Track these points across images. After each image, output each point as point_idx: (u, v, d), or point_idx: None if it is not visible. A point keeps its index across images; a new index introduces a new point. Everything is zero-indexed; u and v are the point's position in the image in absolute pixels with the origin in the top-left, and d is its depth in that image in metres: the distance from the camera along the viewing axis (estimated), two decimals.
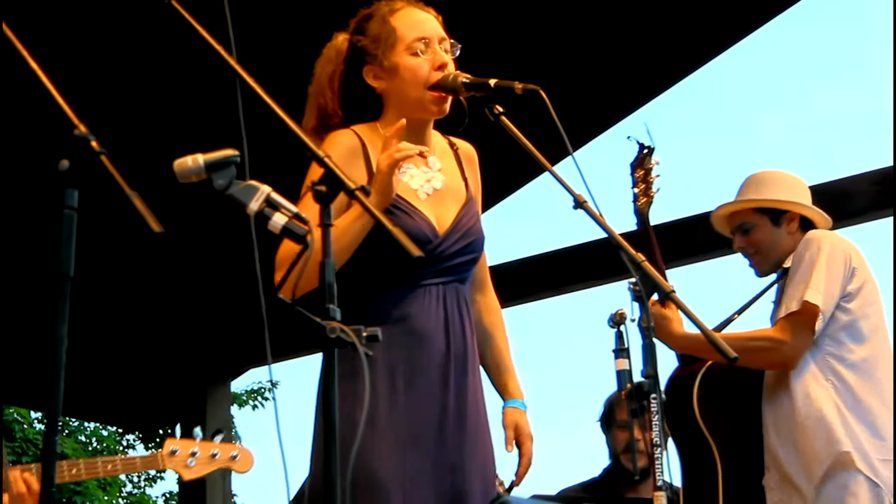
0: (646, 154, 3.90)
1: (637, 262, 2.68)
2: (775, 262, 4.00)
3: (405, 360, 2.89)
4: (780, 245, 3.99)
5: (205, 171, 2.07)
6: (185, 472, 3.58)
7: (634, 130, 3.96)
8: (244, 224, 2.09)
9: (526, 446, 3.08)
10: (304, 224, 2.08)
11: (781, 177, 4.10)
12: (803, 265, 3.82)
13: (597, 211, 2.70)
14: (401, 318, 2.90)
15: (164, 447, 3.57)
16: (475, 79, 2.92)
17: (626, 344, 2.85)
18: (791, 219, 4.01)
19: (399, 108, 3.00)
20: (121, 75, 5.41)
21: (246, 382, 22.34)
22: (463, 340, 2.95)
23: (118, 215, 2.07)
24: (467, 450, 2.92)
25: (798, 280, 3.80)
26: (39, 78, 2.00)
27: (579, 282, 6.78)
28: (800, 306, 3.74)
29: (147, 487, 22.90)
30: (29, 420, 19.68)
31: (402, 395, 2.87)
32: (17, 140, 5.05)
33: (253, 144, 2.19)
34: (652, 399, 2.70)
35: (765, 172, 4.13)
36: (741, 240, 4.06)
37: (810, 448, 3.68)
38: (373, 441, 2.78)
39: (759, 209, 4.04)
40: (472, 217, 3.05)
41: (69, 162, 1.88)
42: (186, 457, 3.56)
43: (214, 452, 3.60)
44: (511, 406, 3.13)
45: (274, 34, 5.14)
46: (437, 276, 2.95)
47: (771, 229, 4.01)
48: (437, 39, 3.01)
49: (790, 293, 3.81)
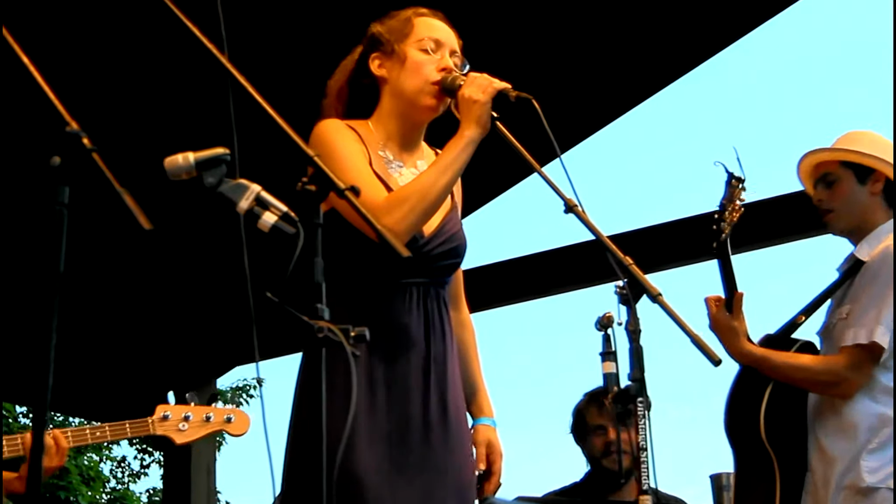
0: (736, 185, 3.75)
1: (624, 265, 2.68)
2: (850, 222, 3.87)
3: (386, 357, 2.89)
4: (860, 204, 3.85)
5: (195, 169, 2.08)
6: (177, 436, 3.51)
7: (721, 155, 3.75)
8: (234, 222, 2.10)
9: (497, 464, 3.13)
10: (294, 224, 2.08)
11: (875, 137, 3.94)
12: (879, 285, 3.70)
13: (586, 214, 2.71)
14: (382, 316, 2.90)
15: (156, 412, 3.51)
16: None
17: (613, 347, 2.85)
18: (877, 179, 3.86)
19: (394, 99, 3.04)
20: (113, 72, 5.41)
21: (231, 380, 22.32)
22: (443, 341, 2.97)
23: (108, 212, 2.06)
24: (450, 448, 2.93)
25: (870, 305, 3.67)
26: (31, 74, 2.00)
27: (566, 284, 6.79)
28: (868, 342, 3.63)
29: (131, 483, 22.86)
30: (14, 414, 19.63)
31: (383, 391, 2.88)
32: (8, 136, 5.04)
33: (243, 143, 2.19)
34: (638, 402, 2.71)
35: (860, 131, 3.97)
36: (822, 192, 3.90)
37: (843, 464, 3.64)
38: (351, 437, 2.77)
39: (846, 163, 3.88)
40: (456, 223, 3.08)
41: (60, 159, 1.88)
42: (179, 421, 3.51)
43: (209, 415, 3.54)
44: (483, 423, 3.17)
45: (266, 33, 5.14)
46: (419, 276, 2.96)
47: (854, 186, 3.87)
48: (449, 50, 3.06)
49: (860, 318, 3.68)
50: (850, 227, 3.89)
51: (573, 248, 6.45)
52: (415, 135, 3.09)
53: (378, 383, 2.88)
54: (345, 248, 2.87)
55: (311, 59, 3.18)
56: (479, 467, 3.09)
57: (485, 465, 3.10)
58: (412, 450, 2.88)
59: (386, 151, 3.03)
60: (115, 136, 3.87)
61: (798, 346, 3.85)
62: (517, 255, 6.85)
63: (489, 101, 2.88)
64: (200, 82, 3.79)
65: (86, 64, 5.23)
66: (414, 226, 2.85)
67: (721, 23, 5.75)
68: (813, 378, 3.70)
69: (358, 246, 2.85)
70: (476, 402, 3.18)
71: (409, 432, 2.88)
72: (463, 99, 2.91)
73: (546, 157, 2.88)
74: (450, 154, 2.89)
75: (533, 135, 2.81)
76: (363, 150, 2.97)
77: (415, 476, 2.87)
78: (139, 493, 22.83)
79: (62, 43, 4.98)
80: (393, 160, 3.04)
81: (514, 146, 2.84)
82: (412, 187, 2.87)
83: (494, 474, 3.12)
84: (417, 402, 2.90)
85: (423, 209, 2.85)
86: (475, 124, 2.88)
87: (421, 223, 2.89)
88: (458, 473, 2.95)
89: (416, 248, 2.91)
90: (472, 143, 2.89)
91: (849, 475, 3.63)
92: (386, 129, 3.05)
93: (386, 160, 3.02)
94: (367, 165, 2.95)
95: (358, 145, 2.97)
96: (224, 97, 2.25)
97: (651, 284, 2.68)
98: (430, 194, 2.85)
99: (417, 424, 2.89)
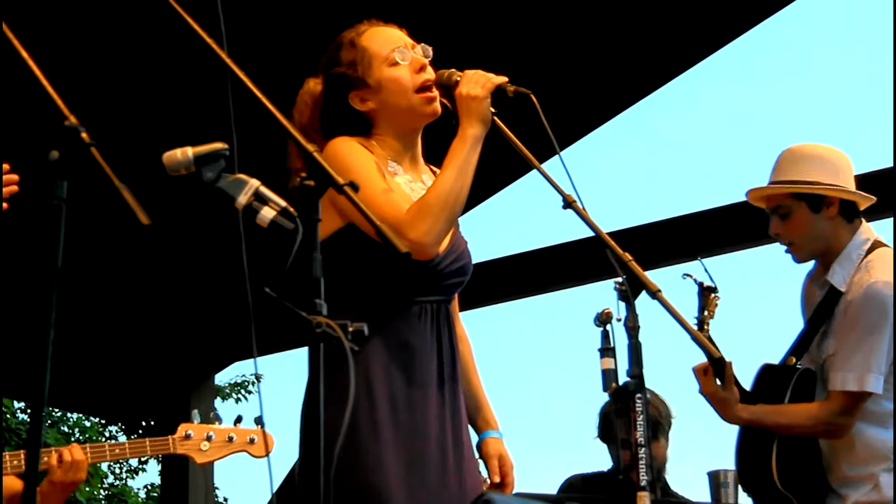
0: (708, 295, 3.71)
1: (623, 262, 2.68)
2: (815, 251, 3.76)
3: (402, 375, 2.89)
4: (821, 231, 3.71)
5: (194, 164, 2.07)
6: (198, 455, 3.52)
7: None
8: (232, 217, 2.09)
9: (510, 476, 3.14)
10: (292, 219, 2.08)
11: (821, 154, 3.76)
12: (863, 328, 3.60)
13: (585, 211, 2.71)
14: (397, 334, 2.90)
15: (178, 430, 3.50)
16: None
17: (612, 343, 2.85)
18: (830, 203, 3.69)
19: (391, 121, 3.01)
20: (112, 67, 5.41)
21: (229, 376, 22.29)
22: (452, 358, 2.98)
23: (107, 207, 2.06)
24: (465, 467, 2.95)
25: (856, 347, 3.59)
26: (30, 69, 1.99)
27: (565, 281, 6.79)
28: (858, 389, 3.57)
29: (129, 479, 22.84)
30: (12, 410, 19.62)
31: (402, 409, 2.87)
32: (6, 130, 5.04)
33: (242, 138, 2.19)
34: (637, 399, 2.71)
35: (803, 147, 3.78)
36: (779, 225, 3.74)
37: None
38: (377, 452, 2.79)
39: (795, 194, 3.72)
40: (462, 241, 3.08)
41: (59, 153, 1.88)
42: (201, 440, 3.50)
43: (231, 436, 3.54)
44: (491, 436, 3.17)
45: (265, 28, 5.14)
46: (431, 293, 2.96)
47: (810, 215, 3.70)
48: (410, 46, 3.03)
49: (848, 362, 3.59)
50: (816, 254, 3.80)
51: (572, 244, 6.45)
52: (416, 143, 3.07)
53: (398, 400, 2.87)
54: (362, 265, 2.86)
55: (310, 54, 3.16)
56: (492, 479, 3.11)
57: (498, 477, 3.12)
58: (431, 469, 2.87)
59: (395, 166, 3.02)
60: (114, 130, 3.86)
61: (798, 375, 3.75)
62: (516, 252, 6.86)
63: (488, 96, 2.87)
64: (199, 77, 3.79)
65: (85, 59, 5.23)
66: (440, 235, 2.84)
67: (722, 19, 5.75)
68: (805, 430, 3.66)
69: (375, 264, 2.83)
70: (481, 416, 3.18)
71: (427, 451, 2.87)
72: (461, 97, 2.89)
73: (545, 154, 2.88)
74: (459, 156, 2.87)
75: (531, 131, 2.81)
76: (378, 166, 2.94)
77: (430, 496, 2.86)
78: (137, 489, 22.81)
79: (61, 37, 4.98)
80: (402, 174, 3.03)
81: (512, 142, 2.84)
82: (432, 197, 2.84)
83: (507, 486, 3.13)
84: (434, 423, 2.90)
85: (447, 217, 2.84)
86: (477, 121, 2.87)
87: (446, 231, 2.87)
88: (474, 490, 2.96)
89: (430, 266, 2.90)
90: (477, 140, 2.88)
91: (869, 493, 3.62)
92: (390, 147, 3.03)
93: (396, 174, 3.01)
94: (385, 180, 2.92)
95: (373, 163, 2.93)
96: (223, 92, 2.25)
97: (650, 281, 2.68)
98: (449, 200, 2.83)
99: (434, 444, 2.89)
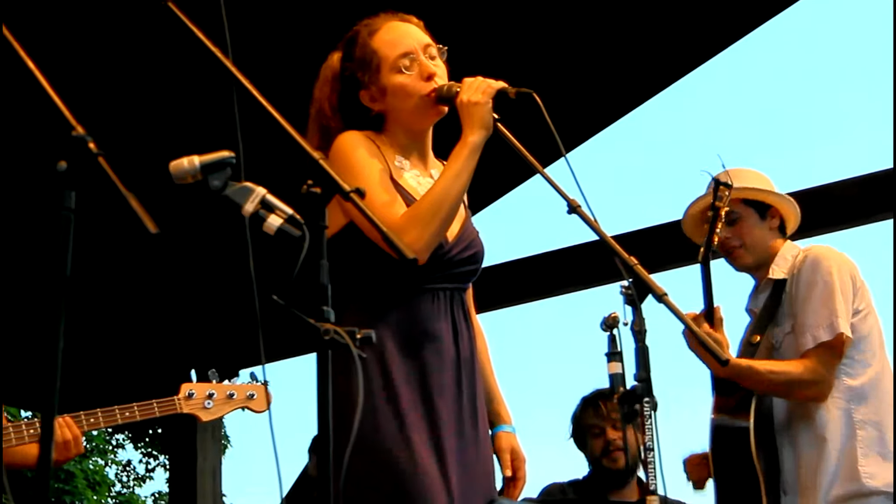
0: (721, 189, 3.72)
1: (629, 266, 2.68)
2: (758, 258, 3.88)
3: (420, 362, 2.90)
4: (765, 239, 3.89)
5: (200, 173, 2.08)
6: (203, 413, 3.60)
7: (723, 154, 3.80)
8: (239, 225, 2.10)
9: (522, 470, 3.15)
10: (299, 226, 2.08)
11: (759, 174, 3.96)
12: (818, 288, 3.69)
13: (590, 215, 2.70)
14: (413, 322, 2.92)
15: (181, 391, 3.60)
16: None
17: (619, 347, 2.86)
18: (773, 215, 3.90)
19: (400, 123, 3.03)
20: (118, 77, 5.42)
21: None
22: (469, 345, 2.99)
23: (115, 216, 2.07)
24: (481, 452, 2.96)
25: (818, 306, 3.68)
26: (37, 79, 2.00)
27: (571, 285, 6.79)
28: (832, 337, 3.63)
29: (136, 487, 22.88)
30: (19, 418, 19.64)
31: (421, 395, 2.88)
32: (14, 141, 5.05)
33: (248, 146, 2.19)
34: (645, 403, 2.71)
35: (740, 168, 3.95)
36: (726, 230, 3.83)
37: (828, 471, 3.62)
38: (408, 435, 2.81)
39: (747, 200, 3.89)
40: (473, 230, 3.10)
41: (66, 163, 1.89)
42: (203, 398, 3.59)
43: (231, 393, 3.61)
44: (504, 430, 3.17)
45: (270, 36, 5.15)
46: (444, 281, 2.97)
47: (757, 222, 3.89)
48: (422, 49, 3.03)
49: (812, 320, 3.67)
50: (758, 262, 3.90)
51: (578, 248, 6.45)
52: (425, 140, 3.09)
53: (414, 386, 2.88)
54: (367, 256, 2.87)
55: (316, 61, 3.17)
56: (504, 473, 3.12)
57: (510, 471, 3.12)
58: (451, 452, 2.87)
59: (403, 161, 3.04)
60: (121, 140, 3.87)
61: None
62: (522, 256, 6.86)
63: (489, 101, 2.87)
64: (205, 86, 3.79)
65: (91, 68, 5.24)
66: (434, 240, 2.85)
67: (726, 20, 5.75)
68: (797, 379, 3.65)
69: (380, 253, 2.83)
70: (494, 410, 3.18)
71: (445, 437, 2.88)
72: (463, 104, 2.90)
73: (550, 157, 2.88)
74: (457, 162, 2.89)
75: (536, 135, 2.81)
76: (383, 163, 2.96)
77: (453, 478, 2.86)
78: (144, 497, 22.87)
79: (68, 47, 4.99)
80: (410, 169, 3.04)
81: (516, 148, 2.84)
82: (426, 203, 2.86)
83: (520, 480, 3.14)
84: (452, 408, 2.91)
85: (440, 222, 2.85)
86: (478, 127, 2.88)
87: (440, 236, 2.88)
88: (488, 478, 2.99)
89: (440, 254, 2.92)
90: (477, 147, 2.89)
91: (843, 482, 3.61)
92: (399, 142, 3.05)
93: (404, 170, 3.03)
94: (386, 180, 2.94)
95: (377, 159, 2.95)
96: (229, 100, 2.26)
97: (656, 284, 2.68)
98: (444, 206, 2.85)
99: (452, 430, 2.89)
